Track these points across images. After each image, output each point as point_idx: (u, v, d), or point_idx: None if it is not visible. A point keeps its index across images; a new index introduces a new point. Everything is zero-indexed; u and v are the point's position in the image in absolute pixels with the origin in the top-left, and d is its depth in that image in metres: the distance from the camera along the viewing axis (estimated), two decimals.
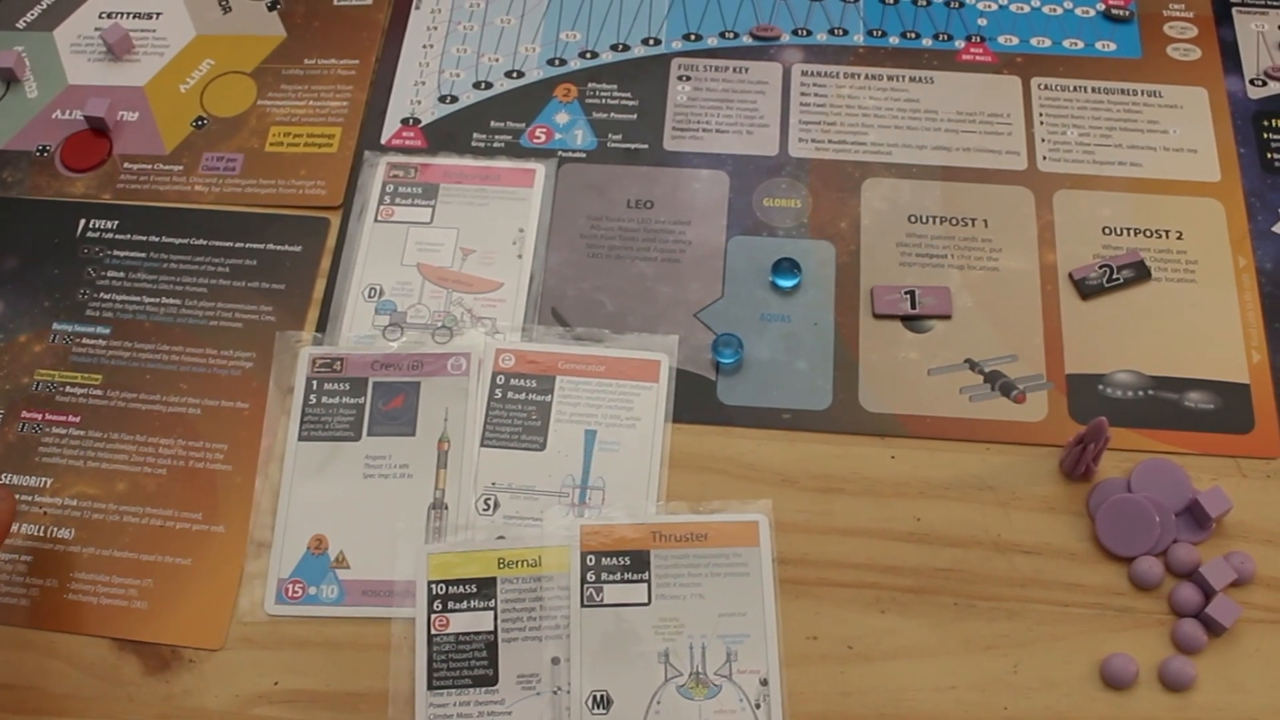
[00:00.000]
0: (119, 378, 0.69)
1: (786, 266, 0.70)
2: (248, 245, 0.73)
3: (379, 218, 0.73)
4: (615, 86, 0.78)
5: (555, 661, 0.60)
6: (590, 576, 0.61)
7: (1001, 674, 0.60)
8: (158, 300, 0.71)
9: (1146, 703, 0.59)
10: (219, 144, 0.77)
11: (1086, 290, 0.70)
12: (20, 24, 0.82)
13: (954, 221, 0.72)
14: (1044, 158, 0.75)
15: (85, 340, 0.70)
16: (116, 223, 0.74)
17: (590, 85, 0.78)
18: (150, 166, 0.76)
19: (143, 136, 0.77)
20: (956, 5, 0.81)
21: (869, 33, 0.80)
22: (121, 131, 0.77)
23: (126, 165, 0.76)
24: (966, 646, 0.61)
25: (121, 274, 0.72)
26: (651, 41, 0.80)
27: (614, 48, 0.80)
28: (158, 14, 0.82)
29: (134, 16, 0.82)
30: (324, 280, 0.71)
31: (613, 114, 0.77)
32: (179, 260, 0.72)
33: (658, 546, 0.62)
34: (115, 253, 0.73)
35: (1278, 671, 0.60)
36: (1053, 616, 0.61)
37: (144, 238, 0.73)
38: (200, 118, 0.78)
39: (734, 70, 0.79)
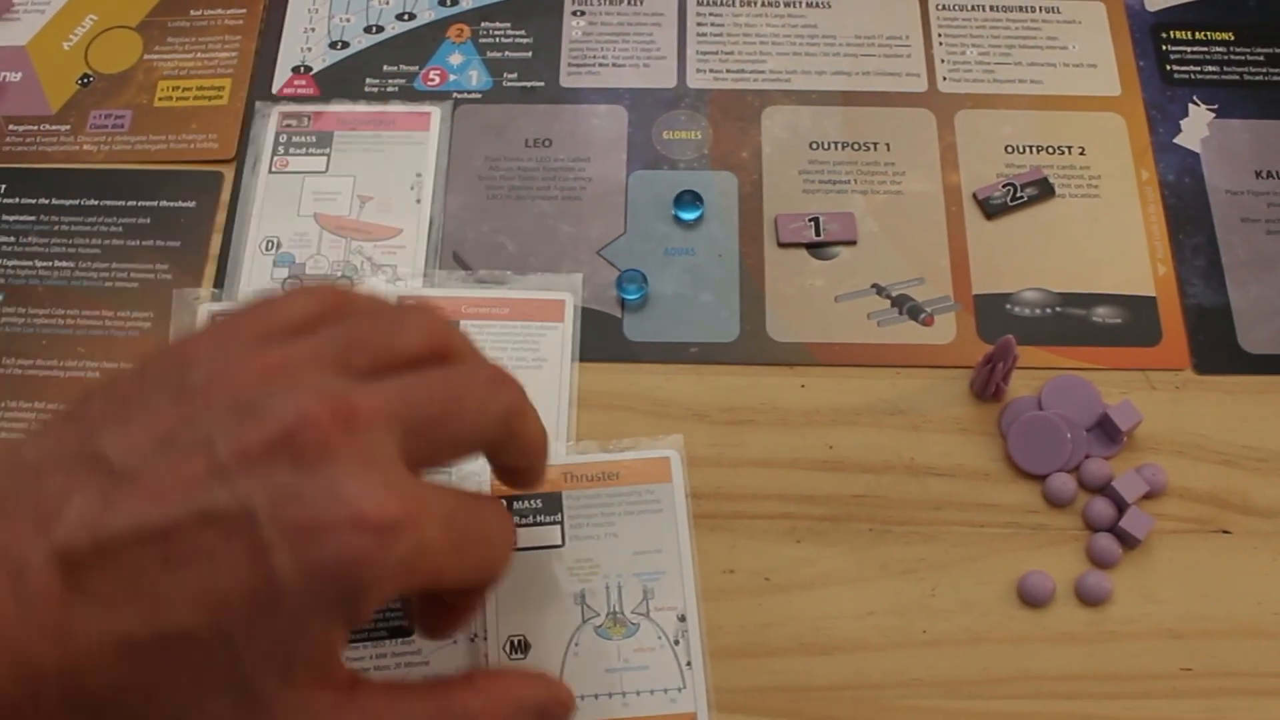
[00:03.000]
0: (13, 344, 0.67)
1: (688, 199, 0.69)
2: (140, 203, 0.71)
3: (273, 169, 0.71)
4: (509, 25, 0.77)
5: None
6: None
7: (919, 597, 0.60)
8: (50, 264, 0.69)
9: (1064, 618, 0.59)
10: (106, 101, 0.75)
11: (991, 210, 0.69)
12: None
13: (856, 146, 0.72)
14: (944, 78, 0.74)
15: None
16: (4, 186, 0.72)
17: (483, 24, 0.77)
18: (36, 127, 0.74)
19: (27, 97, 0.75)
20: None
21: None
22: (4, 93, 0.75)
23: (11, 127, 0.74)
24: (883, 572, 0.60)
25: (11, 238, 0.70)
26: None
27: None
28: None
29: None
30: (220, 235, 0.70)
31: (507, 53, 0.76)
32: (70, 222, 0.71)
33: (569, 488, 0.61)
34: (4, 217, 0.71)
35: (1191, 580, 0.60)
36: (969, 538, 0.61)
37: (33, 200, 0.71)
38: (85, 75, 0.76)
39: (629, 3, 0.78)
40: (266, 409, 0.39)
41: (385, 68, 0.75)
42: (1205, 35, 0.76)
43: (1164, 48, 0.76)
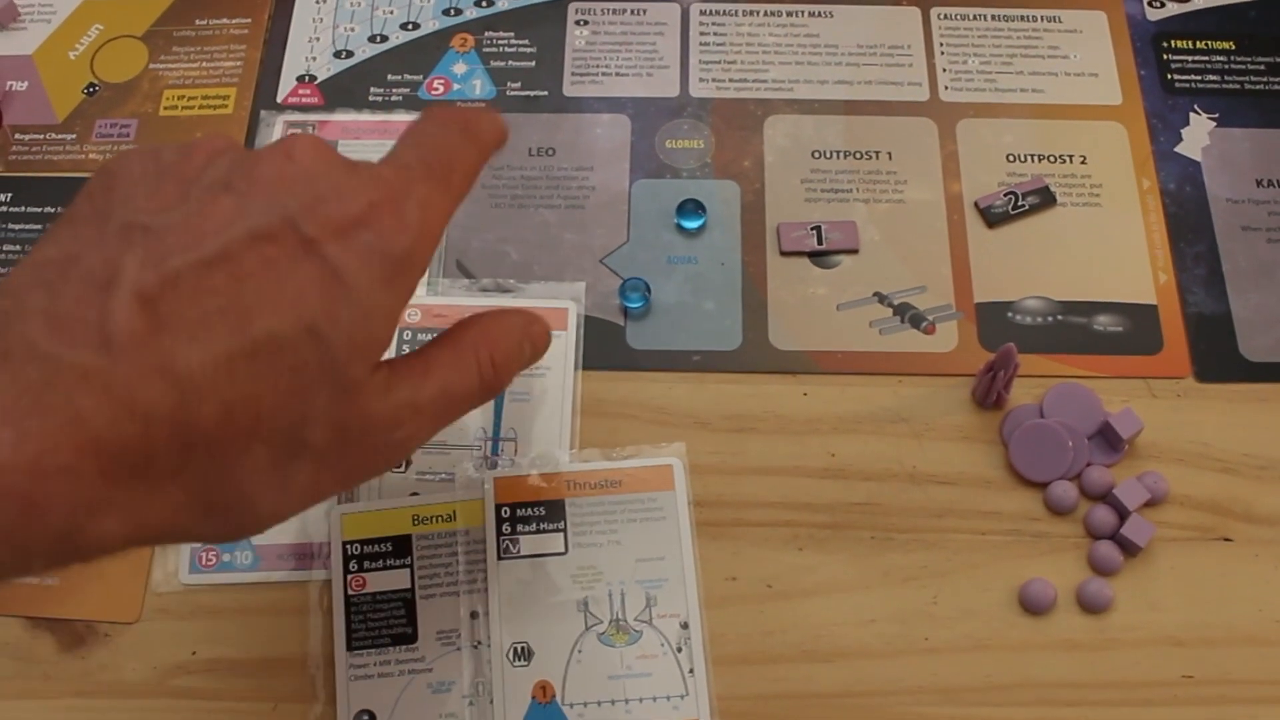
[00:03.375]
0: None
1: (691, 208, 0.69)
2: None
3: None
4: (512, 34, 0.77)
5: (474, 616, 0.59)
6: (506, 529, 0.61)
7: (921, 605, 0.60)
8: None
9: (1065, 625, 0.59)
10: (112, 110, 0.75)
11: (992, 218, 0.70)
12: None
13: (858, 155, 0.72)
14: (946, 87, 0.75)
15: None
16: (10, 195, 0.72)
17: (487, 34, 0.77)
18: (43, 136, 0.74)
19: (33, 106, 0.75)
20: None
21: None
22: (11, 102, 0.76)
23: (18, 136, 0.74)
24: (885, 579, 0.61)
25: (17, 247, 0.70)
26: None
27: None
28: None
29: None
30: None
31: (511, 62, 0.76)
32: None
33: (572, 495, 0.62)
34: (10, 226, 0.71)
35: (1193, 588, 0.60)
36: (970, 545, 0.61)
37: (39, 209, 0.72)
38: (91, 84, 0.76)
39: (632, 12, 0.78)
40: (257, 154, 0.43)
41: (389, 77, 0.76)
42: (1206, 44, 0.76)
43: (1165, 57, 0.76)
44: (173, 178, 0.43)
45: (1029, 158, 0.72)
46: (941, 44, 0.76)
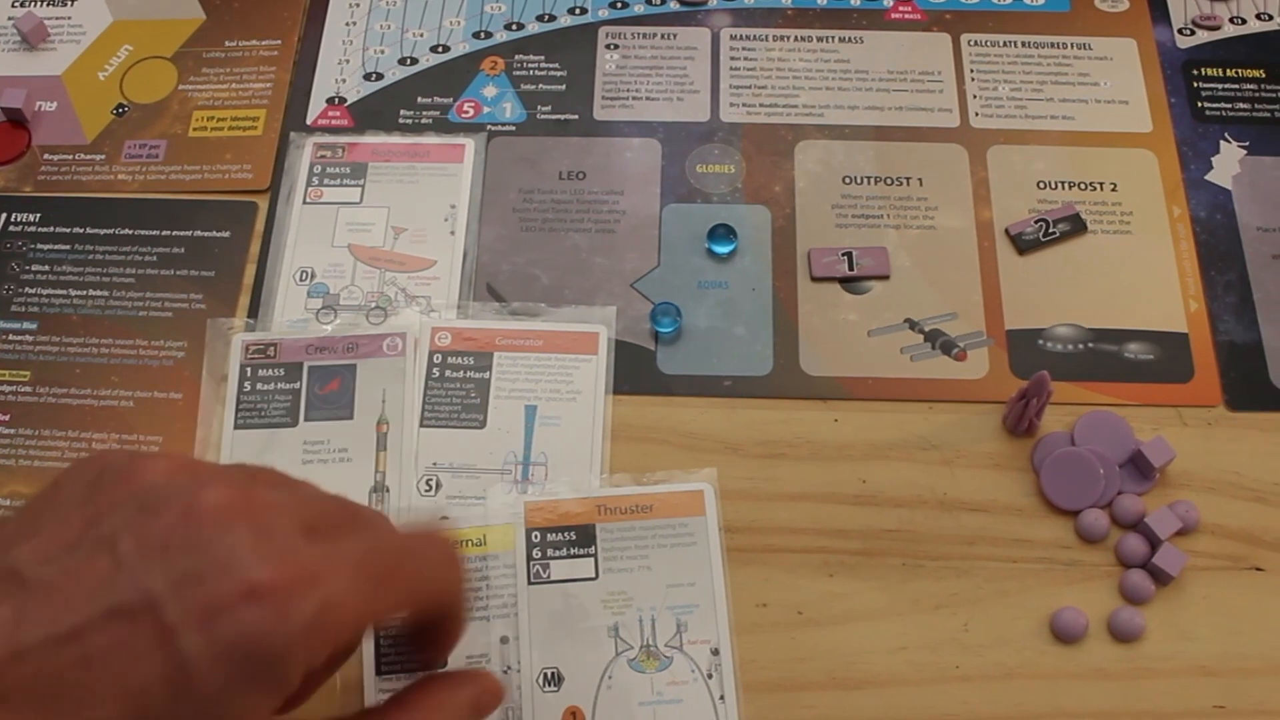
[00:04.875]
0: (48, 373, 0.67)
1: (722, 233, 0.69)
2: (175, 233, 0.72)
3: (308, 199, 0.72)
4: (543, 57, 0.77)
5: (504, 640, 0.59)
6: (536, 553, 0.61)
7: (952, 633, 0.60)
8: (84, 293, 0.70)
9: (1097, 654, 0.59)
10: (141, 131, 0.75)
11: (1023, 245, 0.69)
12: None
13: (889, 181, 0.72)
14: (976, 114, 0.75)
15: (11, 336, 0.68)
16: (39, 215, 0.72)
17: (517, 57, 0.77)
18: (71, 157, 0.75)
19: (62, 126, 0.76)
20: None
21: None
22: (40, 122, 0.76)
23: (47, 156, 0.74)
24: (916, 607, 0.60)
25: (46, 267, 0.70)
26: (578, 10, 0.79)
27: (540, 18, 0.79)
28: (73, 0, 0.81)
29: (48, 4, 0.80)
30: (254, 265, 0.70)
31: (541, 85, 0.76)
32: (105, 251, 0.71)
33: (603, 520, 0.61)
34: (39, 246, 0.71)
35: (1225, 618, 0.60)
36: (1001, 573, 0.61)
37: (68, 230, 0.72)
38: (121, 105, 0.76)
39: (662, 37, 0.78)
40: (168, 499, 0.40)
41: (419, 99, 0.76)
42: (1236, 73, 0.76)
43: (1195, 85, 0.76)
44: (81, 515, 0.40)
45: (1059, 184, 0.72)
46: (972, 70, 0.76)
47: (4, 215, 0.72)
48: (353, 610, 0.40)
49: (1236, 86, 0.76)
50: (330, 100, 0.76)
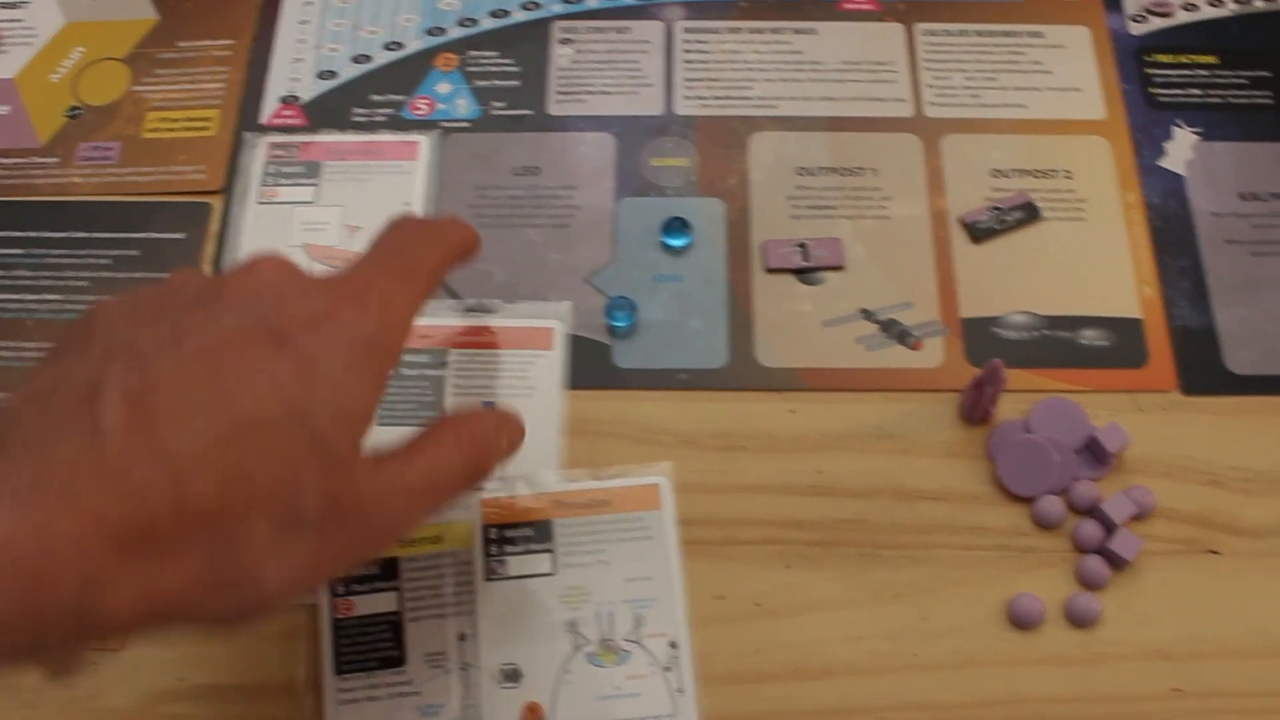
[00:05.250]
0: (2, 379, 0.67)
1: (677, 226, 0.69)
2: (129, 235, 0.71)
3: (262, 200, 0.71)
4: (496, 53, 0.77)
5: (462, 638, 0.59)
6: (493, 550, 0.61)
7: (910, 622, 0.60)
8: (39, 297, 0.69)
9: (1054, 640, 0.59)
10: (95, 133, 0.75)
11: (977, 234, 0.70)
12: None
13: (843, 172, 0.72)
14: (930, 103, 0.75)
15: None
16: None
17: (471, 53, 0.77)
18: (25, 160, 0.74)
19: (15, 130, 0.75)
20: None
21: None
22: None
23: (0, 160, 0.74)
24: (874, 597, 0.60)
25: (1, 272, 0.70)
26: (531, 5, 0.79)
27: (493, 14, 0.78)
28: (25, 2, 0.80)
29: (0, 6, 0.80)
30: (209, 267, 0.70)
31: (495, 81, 0.76)
32: (60, 255, 0.71)
33: (560, 515, 0.61)
34: None
35: (1181, 601, 0.60)
36: (958, 561, 0.61)
37: (21, 233, 0.71)
38: (74, 107, 0.76)
39: (616, 31, 0.78)
40: (227, 275, 0.47)
41: (373, 97, 0.76)
42: (1189, 59, 0.77)
43: (1148, 71, 0.76)
44: (148, 306, 0.46)
45: (1013, 173, 0.72)
46: (925, 60, 0.76)
47: None
48: (402, 298, 0.49)
49: (1189, 73, 0.76)
50: (284, 99, 0.76)
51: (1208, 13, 0.78)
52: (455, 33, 0.78)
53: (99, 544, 0.38)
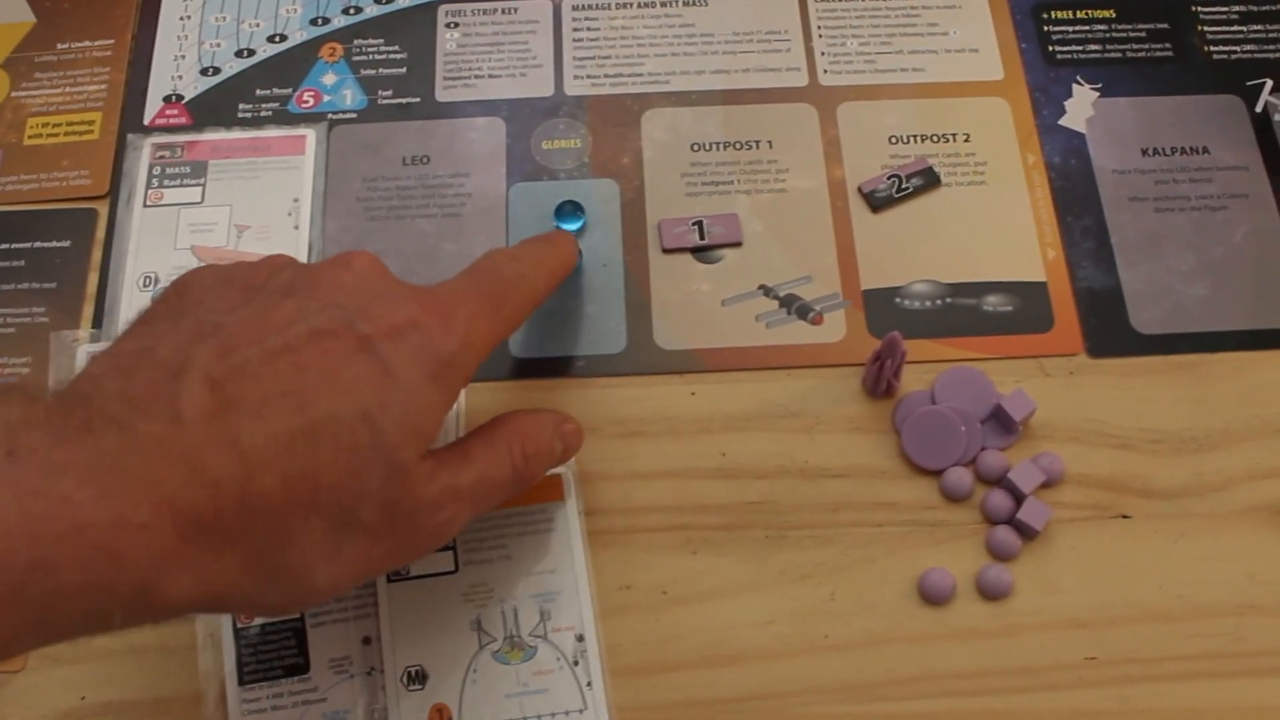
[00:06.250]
0: None
1: (569, 210, 0.68)
2: (13, 245, 0.69)
3: (148, 202, 0.70)
4: (382, 41, 0.75)
5: (366, 641, 0.58)
6: None
7: (819, 602, 0.59)
8: None
9: (966, 614, 0.59)
10: None
11: (876, 203, 0.69)
12: None
13: (738, 145, 0.71)
14: (825, 71, 0.73)
15: None
16: None
17: (356, 42, 0.75)
18: None
19: None
20: None
21: None
22: None
23: None
24: (782, 579, 0.60)
25: None
26: None
27: (378, 1, 0.77)
28: None
29: None
30: (96, 274, 0.68)
31: (381, 69, 0.74)
32: None
33: None
34: None
35: (1092, 568, 0.60)
36: (867, 538, 0.60)
37: None
38: None
39: (502, 12, 0.76)
40: (321, 266, 0.49)
41: (258, 91, 0.74)
42: (1086, 14, 0.76)
43: (1046, 28, 0.75)
44: (239, 285, 0.48)
45: (912, 139, 0.71)
46: (819, 27, 0.75)
47: None
48: (486, 323, 0.50)
49: (1087, 28, 0.75)
50: (167, 99, 0.74)
51: None
52: (340, 21, 0.76)
53: (170, 528, 0.40)
